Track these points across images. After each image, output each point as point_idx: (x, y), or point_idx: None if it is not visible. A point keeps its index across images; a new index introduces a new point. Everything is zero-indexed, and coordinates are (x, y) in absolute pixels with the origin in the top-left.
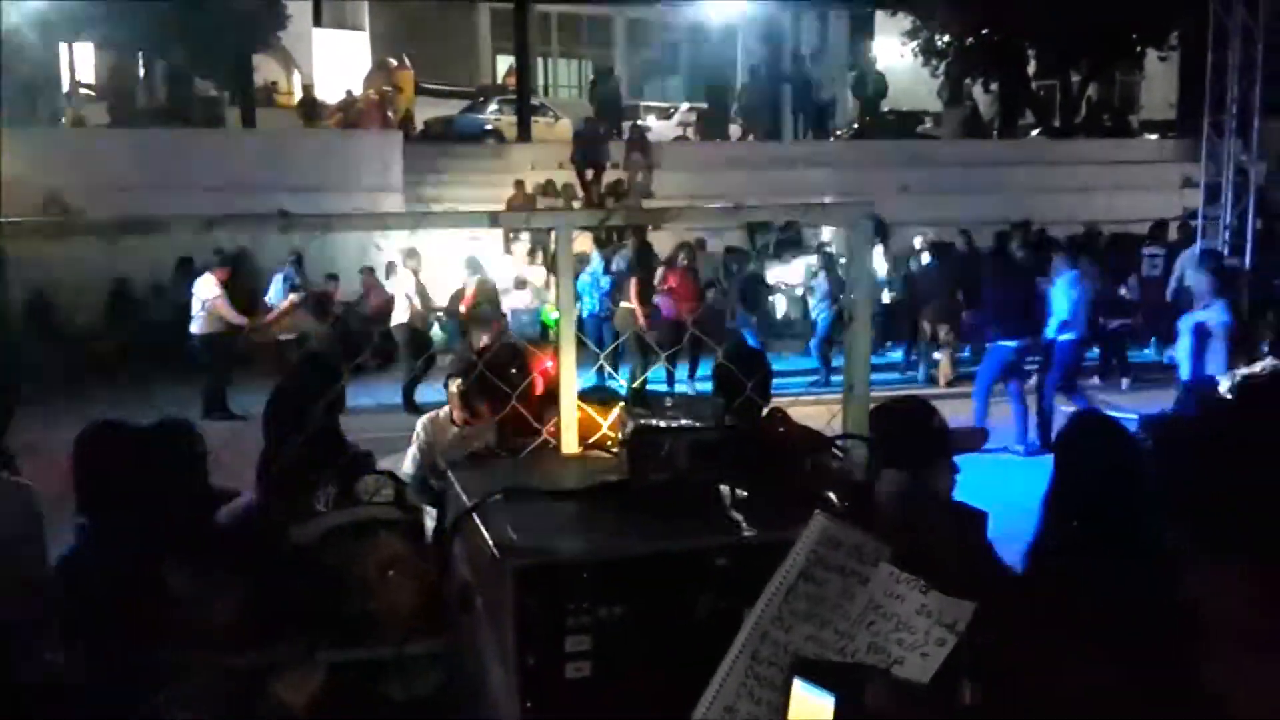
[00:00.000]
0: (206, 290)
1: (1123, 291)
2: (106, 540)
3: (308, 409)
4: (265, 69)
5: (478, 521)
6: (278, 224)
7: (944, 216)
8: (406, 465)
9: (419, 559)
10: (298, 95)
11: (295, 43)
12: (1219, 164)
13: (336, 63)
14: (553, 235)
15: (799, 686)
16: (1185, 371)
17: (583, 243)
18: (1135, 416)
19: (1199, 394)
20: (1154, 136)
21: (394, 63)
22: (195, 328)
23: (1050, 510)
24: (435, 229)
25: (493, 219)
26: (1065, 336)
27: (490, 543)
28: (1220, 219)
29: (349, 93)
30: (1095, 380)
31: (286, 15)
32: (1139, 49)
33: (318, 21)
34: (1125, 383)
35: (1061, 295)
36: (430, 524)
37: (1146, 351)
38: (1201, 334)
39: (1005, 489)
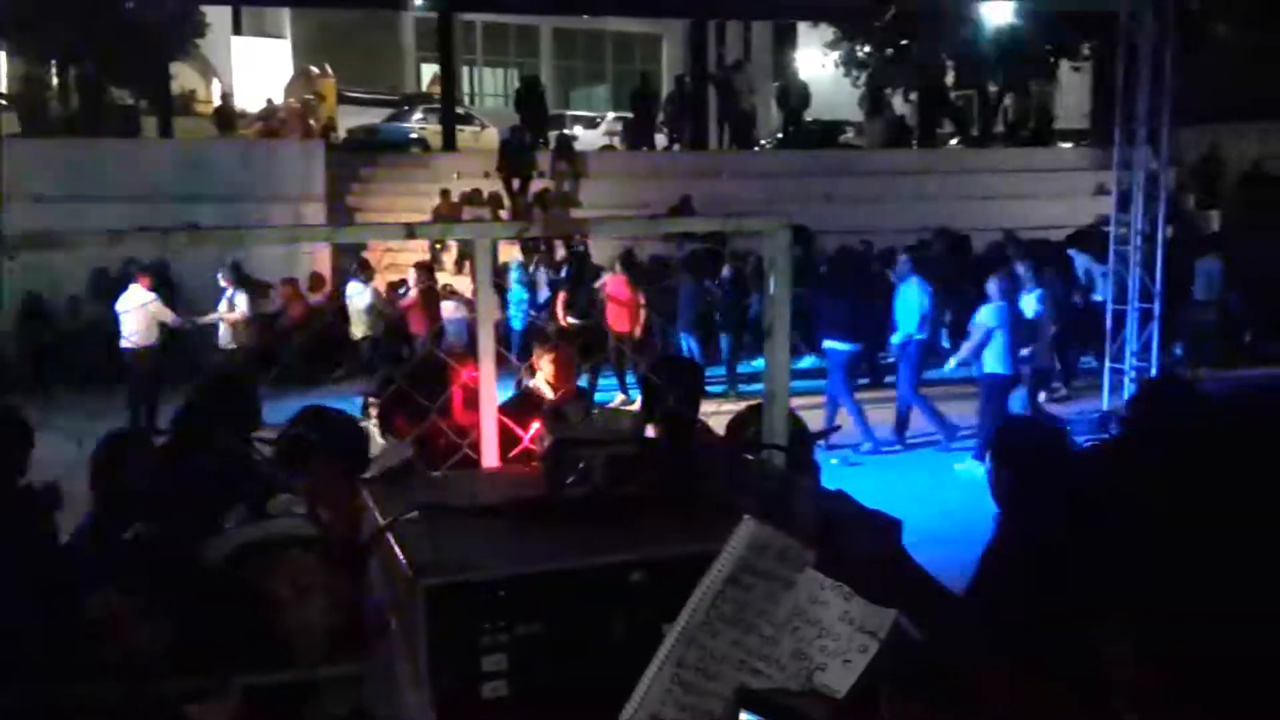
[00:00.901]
0: (139, 297)
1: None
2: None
3: (216, 428)
4: (184, 77)
5: (391, 540)
6: (185, 238)
7: (867, 225)
8: None
9: (335, 578)
10: (217, 104)
11: (214, 51)
12: (1131, 171)
13: (257, 71)
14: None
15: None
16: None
17: (511, 253)
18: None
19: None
20: (1068, 145)
21: (316, 71)
22: (127, 341)
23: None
24: (350, 241)
25: (409, 231)
26: (911, 338)
27: (403, 561)
28: (1132, 225)
29: (270, 101)
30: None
31: (205, 23)
32: (1053, 60)
33: (237, 29)
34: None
35: (909, 300)
36: None
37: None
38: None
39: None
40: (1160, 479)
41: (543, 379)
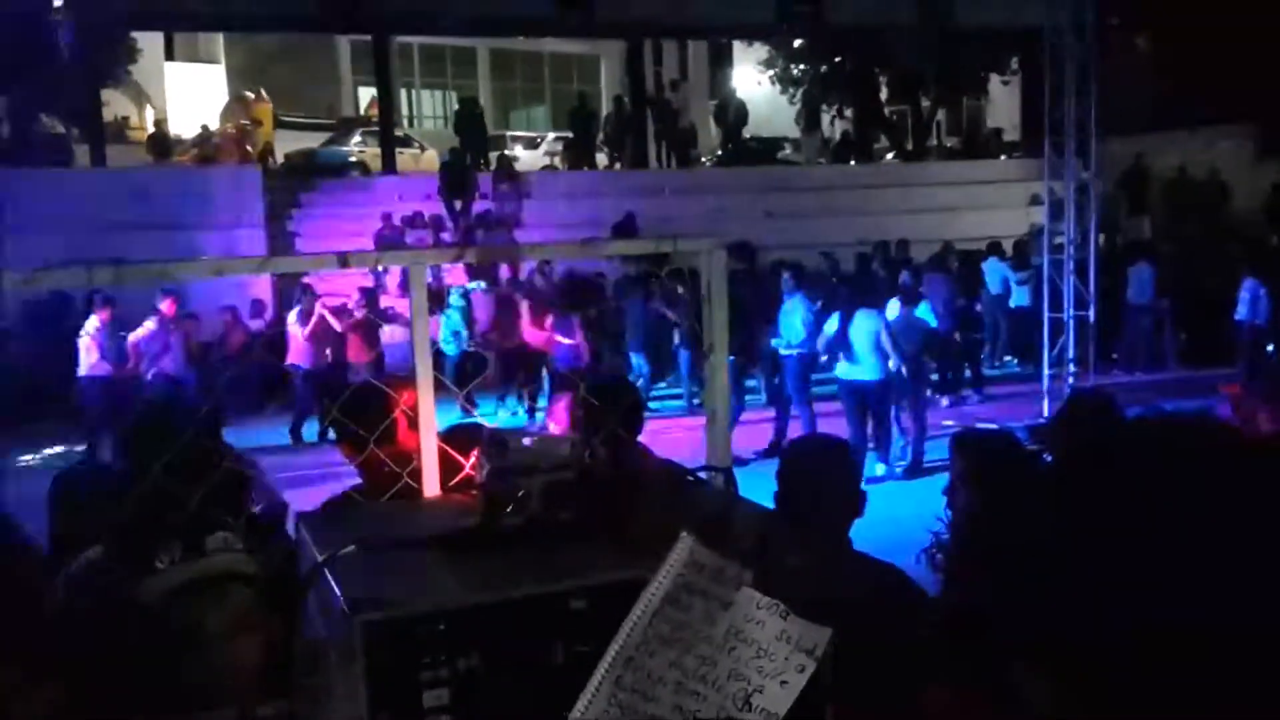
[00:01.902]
0: (90, 328)
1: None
2: None
3: (148, 463)
4: (116, 104)
5: (328, 575)
6: (110, 272)
7: (806, 240)
8: None
9: (272, 615)
10: (150, 130)
11: (147, 77)
12: (1062, 182)
13: (191, 97)
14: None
15: None
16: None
17: (456, 276)
18: (995, 426)
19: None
20: (1001, 157)
21: (251, 95)
22: (81, 369)
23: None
24: (282, 271)
25: (343, 260)
26: (792, 351)
27: (339, 597)
28: (1065, 234)
29: (205, 127)
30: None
31: (137, 49)
32: (983, 74)
33: (170, 55)
34: (976, 397)
35: (792, 315)
36: None
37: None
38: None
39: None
40: (1078, 510)
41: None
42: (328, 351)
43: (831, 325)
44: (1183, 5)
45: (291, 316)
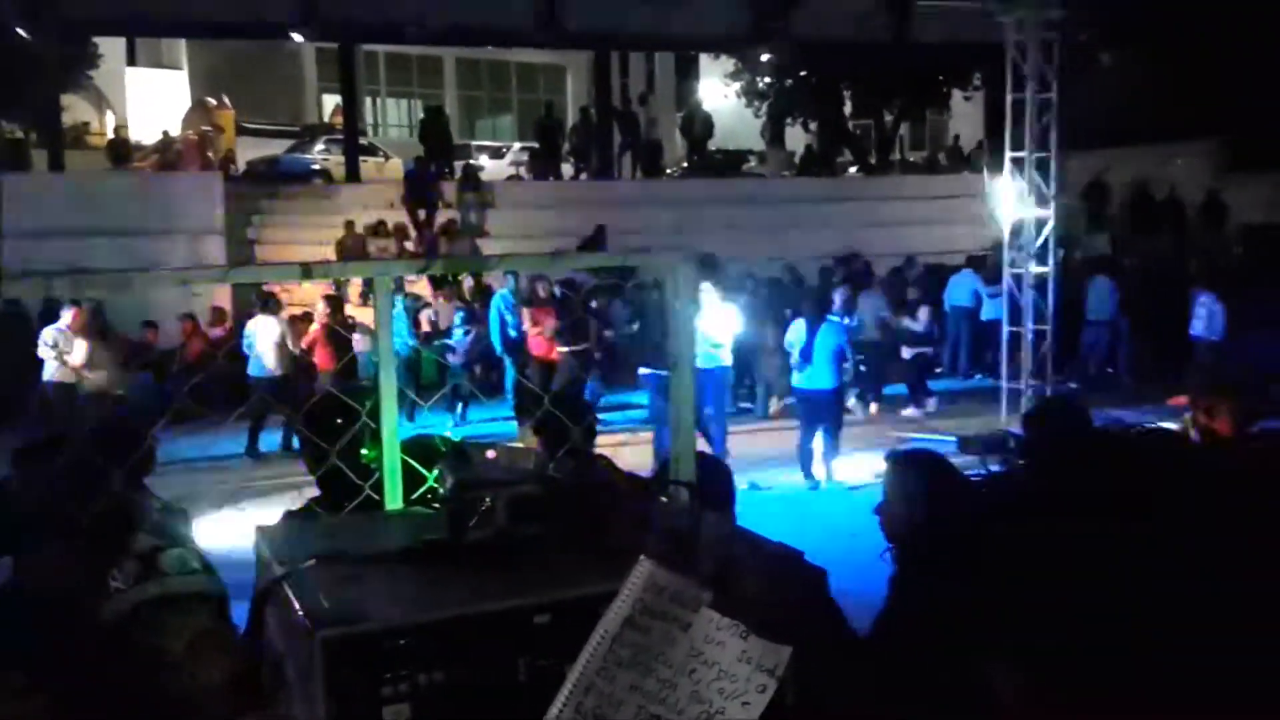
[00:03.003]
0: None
1: (909, 323)
2: None
3: (99, 484)
4: (76, 109)
5: (287, 590)
6: (69, 282)
7: (771, 252)
8: None
9: (233, 633)
10: (111, 136)
11: (108, 82)
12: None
13: (153, 102)
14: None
15: None
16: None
17: (419, 287)
18: (954, 439)
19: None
20: (964, 172)
21: (214, 102)
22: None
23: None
24: (243, 281)
25: (305, 271)
26: (710, 365)
27: (299, 612)
28: (1025, 248)
29: (166, 133)
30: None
31: (98, 54)
32: (945, 90)
33: (132, 60)
34: (931, 404)
35: (713, 327)
36: None
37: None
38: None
39: None
40: (1052, 515)
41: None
42: (294, 361)
43: (800, 337)
44: (1144, 23)
45: (256, 324)
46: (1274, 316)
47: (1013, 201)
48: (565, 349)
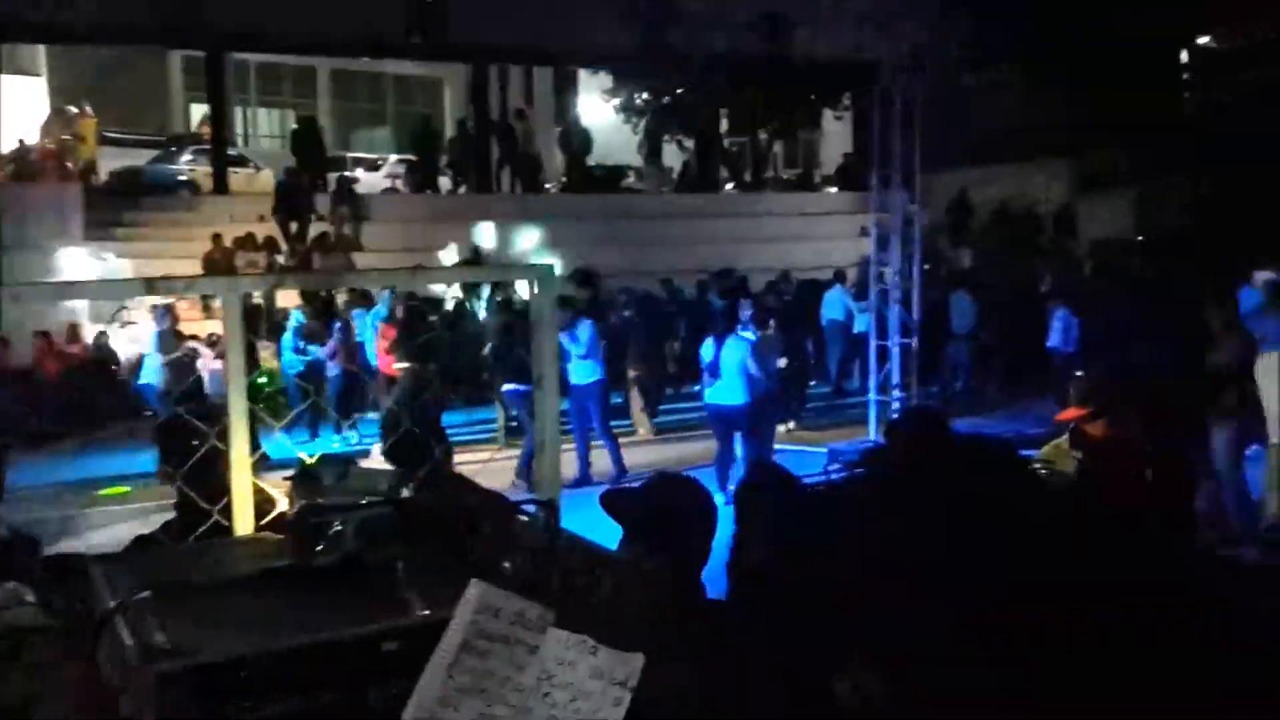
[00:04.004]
0: None
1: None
2: None
3: None
4: None
5: (119, 622)
6: None
7: (648, 267)
8: None
9: (74, 668)
10: None
11: None
12: (888, 214)
13: (9, 110)
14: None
15: None
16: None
17: (289, 299)
18: (826, 450)
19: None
20: (834, 189)
21: (74, 110)
22: None
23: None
24: (85, 298)
25: (149, 287)
26: (580, 381)
27: (130, 646)
28: (891, 264)
29: (22, 142)
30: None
31: None
32: (817, 109)
33: None
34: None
35: (579, 342)
36: None
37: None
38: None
39: None
40: (911, 521)
41: None
42: (188, 375)
43: (707, 351)
44: (1007, 47)
45: (145, 337)
46: (1124, 328)
47: (878, 218)
48: (402, 365)
